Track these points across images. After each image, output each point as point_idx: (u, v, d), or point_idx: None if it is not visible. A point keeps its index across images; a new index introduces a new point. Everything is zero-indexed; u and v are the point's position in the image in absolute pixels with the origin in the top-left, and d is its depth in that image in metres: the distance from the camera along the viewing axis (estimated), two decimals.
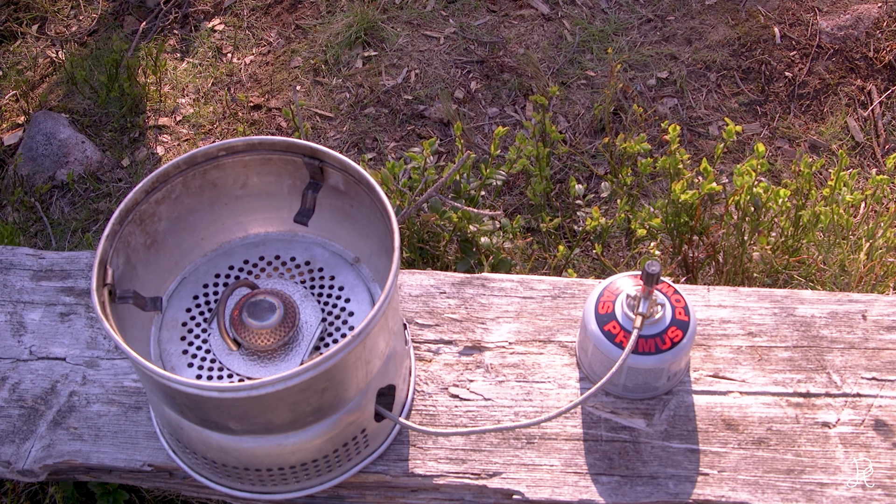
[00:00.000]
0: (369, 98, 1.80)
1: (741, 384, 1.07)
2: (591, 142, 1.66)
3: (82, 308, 1.17)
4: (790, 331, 1.11)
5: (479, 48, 1.85)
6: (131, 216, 0.95)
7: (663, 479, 1.00)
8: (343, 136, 1.75)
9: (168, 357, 0.98)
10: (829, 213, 1.30)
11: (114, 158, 1.75)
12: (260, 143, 0.99)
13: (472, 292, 1.16)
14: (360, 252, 1.05)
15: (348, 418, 0.93)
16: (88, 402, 1.09)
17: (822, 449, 1.01)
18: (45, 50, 1.96)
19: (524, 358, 1.10)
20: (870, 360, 1.08)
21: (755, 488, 0.98)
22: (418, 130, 1.74)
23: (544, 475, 1.01)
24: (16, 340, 1.15)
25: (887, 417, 1.03)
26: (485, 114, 1.76)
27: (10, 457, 1.05)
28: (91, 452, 1.05)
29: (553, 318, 1.14)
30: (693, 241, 1.40)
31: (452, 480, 1.01)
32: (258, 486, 0.98)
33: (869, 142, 1.72)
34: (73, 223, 1.66)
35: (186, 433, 0.94)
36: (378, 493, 1.04)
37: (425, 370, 1.10)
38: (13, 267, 1.22)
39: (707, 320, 1.12)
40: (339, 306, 1.02)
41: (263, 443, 0.92)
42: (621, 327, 1.00)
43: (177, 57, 1.92)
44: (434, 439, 1.04)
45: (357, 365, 0.89)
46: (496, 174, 1.48)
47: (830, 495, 0.98)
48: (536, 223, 1.52)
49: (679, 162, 1.33)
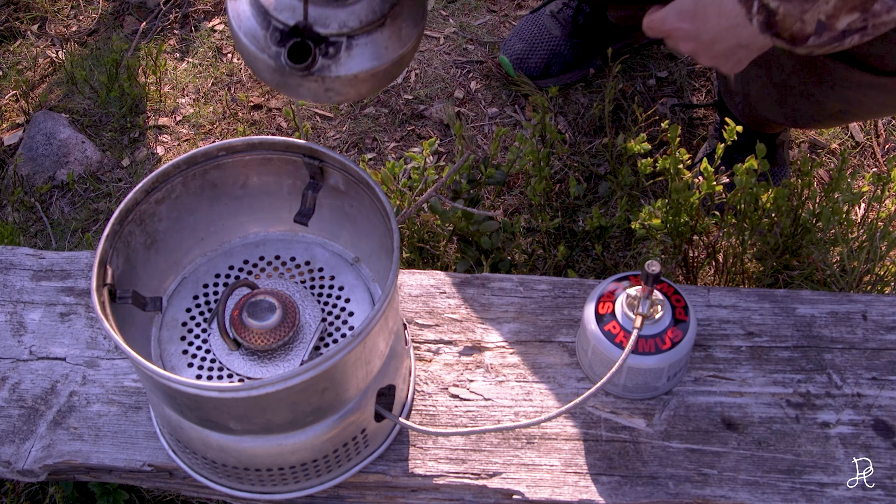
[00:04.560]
0: (369, 98, 1.80)
1: (741, 384, 1.07)
2: (590, 142, 1.66)
3: (82, 308, 1.17)
4: (790, 331, 1.11)
5: (479, 48, 1.85)
6: (131, 216, 0.95)
7: (663, 479, 1.00)
8: (343, 136, 1.75)
9: (168, 357, 0.98)
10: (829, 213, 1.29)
11: (114, 158, 1.75)
12: (260, 143, 0.99)
13: (472, 292, 1.16)
14: (360, 252, 1.05)
15: (348, 418, 0.93)
16: (88, 402, 1.09)
17: (822, 449, 1.01)
18: (45, 50, 1.96)
19: (524, 358, 1.10)
20: (870, 361, 1.08)
21: (755, 488, 0.98)
22: (418, 130, 1.74)
23: (544, 475, 1.01)
24: (16, 340, 1.15)
25: (887, 417, 1.03)
26: (485, 114, 1.75)
27: (10, 457, 1.05)
28: (91, 452, 1.05)
29: (553, 318, 1.14)
30: (693, 241, 1.40)
31: (452, 480, 1.01)
32: (258, 486, 0.98)
33: (869, 141, 1.72)
34: (73, 223, 1.66)
35: (186, 433, 0.94)
36: (378, 493, 1.04)
37: (425, 370, 1.10)
38: (13, 267, 1.22)
39: (707, 320, 1.12)
40: (339, 306, 1.02)
41: (263, 443, 0.92)
42: (621, 327, 1.00)
43: (177, 57, 1.92)
44: (434, 439, 1.04)
45: (357, 365, 0.89)
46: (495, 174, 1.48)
47: (830, 495, 0.98)
48: (536, 223, 1.52)
49: (679, 162, 1.33)
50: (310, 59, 0.80)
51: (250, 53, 0.83)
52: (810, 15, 0.88)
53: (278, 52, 0.80)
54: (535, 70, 1.71)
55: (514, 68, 1.73)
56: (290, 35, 0.80)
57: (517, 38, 1.72)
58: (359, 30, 0.81)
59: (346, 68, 0.81)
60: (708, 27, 0.99)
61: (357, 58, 0.81)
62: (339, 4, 0.80)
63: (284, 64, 0.80)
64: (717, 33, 0.98)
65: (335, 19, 0.80)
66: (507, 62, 1.74)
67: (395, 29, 0.83)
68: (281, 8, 0.80)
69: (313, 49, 0.80)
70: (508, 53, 1.73)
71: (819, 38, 0.90)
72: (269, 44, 0.81)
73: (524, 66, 1.71)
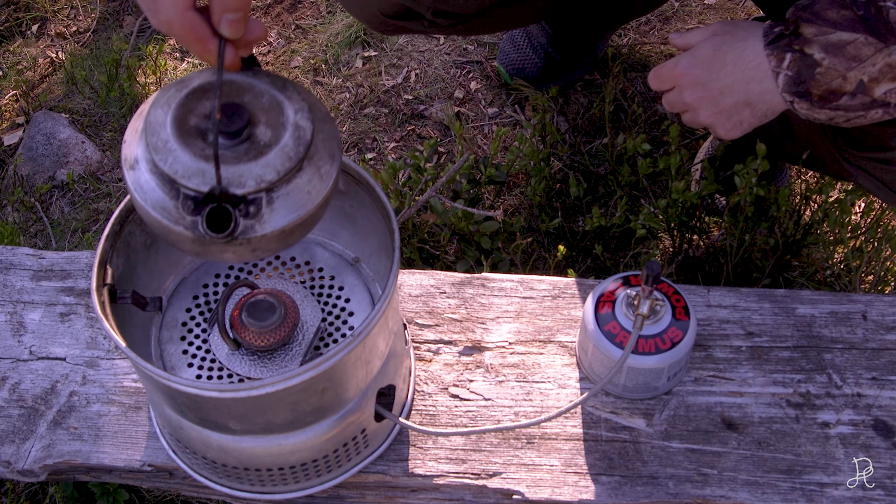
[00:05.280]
0: (369, 98, 1.80)
1: (741, 384, 1.07)
2: (590, 142, 1.66)
3: (82, 308, 1.17)
4: (790, 331, 1.11)
5: (478, 48, 1.85)
6: (131, 216, 0.95)
7: (663, 479, 1.00)
8: (343, 136, 1.75)
9: (168, 357, 0.98)
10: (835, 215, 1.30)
11: (114, 158, 1.75)
12: None
13: (472, 292, 1.16)
14: (360, 252, 1.05)
15: (348, 418, 0.93)
16: (88, 402, 1.09)
17: (822, 449, 1.01)
18: (45, 50, 1.96)
19: (524, 358, 1.10)
20: (870, 360, 1.08)
21: (755, 488, 0.98)
22: (418, 130, 1.74)
23: (544, 475, 1.01)
24: (16, 340, 1.15)
25: (887, 417, 1.03)
26: (485, 114, 1.76)
27: (10, 457, 1.05)
28: (91, 452, 1.05)
29: (553, 318, 1.14)
30: (693, 241, 1.40)
31: (452, 480, 1.01)
32: (258, 486, 0.98)
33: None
34: (73, 223, 1.66)
35: (186, 433, 0.94)
36: (378, 493, 1.04)
37: (425, 370, 1.10)
38: (13, 267, 1.22)
39: (707, 320, 1.12)
40: (339, 306, 1.02)
41: (263, 443, 0.92)
42: (621, 327, 1.00)
43: (177, 57, 1.92)
44: (434, 439, 1.04)
45: (357, 365, 0.89)
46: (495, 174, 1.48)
47: (830, 495, 0.98)
48: (536, 223, 1.52)
49: (679, 162, 1.33)
50: (231, 225, 0.72)
51: (162, 226, 0.75)
52: (854, 73, 0.88)
53: (194, 222, 0.73)
54: (532, 76, 1.71)
55: (511, 76, 1.73)
56: (205, 202, 0.73)
57: (511, 45, 1.73)
58: (277, 181, 0.74)
59: (272, 224, 0.74)
60: (722, 75, 0.97)
61: (281, 210, 0.74)
62: (251, 158, 0.74)
63: (204, 233, 0.72)
64: (730, 83, 0.96)
65: (250, 176, 0.73)
66: (504, 71, 1.74)
67: (313, 170, 0.76)
68: (188, 174, 0.72)
69: (233, 213, 0.73)
70: (504, 62, 1.74)
71: (852, 100, 0.89)
72: (183, 214, 0.73)
73: (521, 74, 1.72)
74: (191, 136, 0.74)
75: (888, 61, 0.86)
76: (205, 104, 0.76)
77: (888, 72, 0.87)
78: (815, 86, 0.90)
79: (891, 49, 0.86)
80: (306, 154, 0.75)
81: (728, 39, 0.97)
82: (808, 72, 0.89)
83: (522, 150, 1.48)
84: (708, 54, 0.99)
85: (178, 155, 0.73)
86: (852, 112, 0.91)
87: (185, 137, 0.74)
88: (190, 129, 0.75)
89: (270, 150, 0.74)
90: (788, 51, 0.90)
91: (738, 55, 0.95)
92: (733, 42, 0.96)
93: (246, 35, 0.74)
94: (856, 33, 0.86)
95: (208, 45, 0.72)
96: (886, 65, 0.86)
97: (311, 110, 0.78)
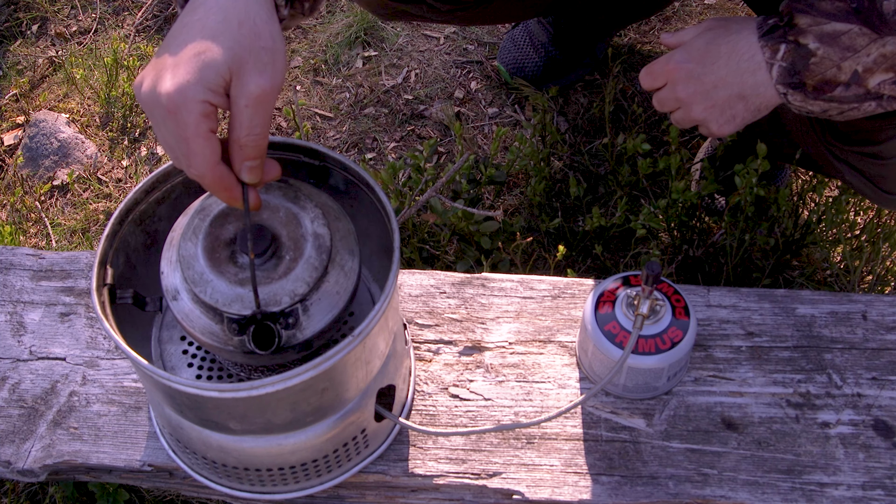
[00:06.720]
0: (369, 98, 1.80)
1: (741, 384, 1.07)
2: (590, 142, 1.66)
3: (82, 308, 1.17)
4: (790, 331, 1.11)
5: (479, 48, 1.85)
6: (131, 216, 0.95)
7: (663, 479, 1.00)
8: (343, 136, 1.75)
9: (168, 357, 0.98)
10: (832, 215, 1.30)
11: (114, 158, 1.75)
12: None
13: (472, 292, 1.16)
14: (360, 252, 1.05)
15: (348, 418, 0.93)
16: (88, 402, 1.09)
17: (822, 449, 1.01)
18: (45, 50, 1.96)
19: (524, 358, 1.10)
20: (870, 361, 1.08)
21: (755, 488, 0.98)
22: (418, 130, 1.74)
23: (544, 475, 1.01)
24: (16, 340, 1.15)
25: (887, 417, 1.03)
26: (485, 114, 1.75)
27: (10, 457, 1.05)
28: (91, 452, 1.05)
29: (553, 318, 1.14)
30: (693, 241, 1.40)
31: (452, 480, 1.01)
32: (258, 486, 0.98)
33: None
34: (73, 223, 1.66)
35: (186, 433, 0.94)
36: (378, 493, 1.04)
37: (425, 370, 1.10)
38: (13, 267, 1.22)
39: (707, 320, 1.12)
40: None
41: (263, 443, 0.92)
42: (621, 327, 1.00)
43: None
44: (434, 439, 1.04)
45: (357, 365, 0.89)
46: (495, 174, 1.48)
47: (830, 495, 0.98)
48: (536, 223, 1.52)
49: (679, 162, 1.33)
50: (276, 340, 0.80)
51: (213, 347, 0.83)
52: (849, 63, 0.87)
53: (241, 341, 0.81)
54: (532, 76, 1.71)
55: (511, 75, 1.73)
56: (248, 323, 0.80)
57: (511, 43, 1.73)
58: (309, 292, 0.82)
59: (311, 329, 0.82)
60: (715, 68, 0.96)
61: (316, 315, 0.83)
62: (281, 275, 0.81)
63: (252, 350, 0.80)
64: (723, 76, 0.95)
65: (284, 293, 0.81)
66: (504, 70, 1.74)
67: (338, 270, 0.84)
68: (228, 301, 0.80)
69: (275, 329, 0.80)
70: (504, 61, 1.74)
71: (846, 91, 0.89)
72: (230, 335, 0.81)
73: (521, 72, 1.72)
74: (222, 264, 0.82)
75: (882, 51, 0.86)
76: (227, 229, 0.84)
77: (882, 62, 0.86)
78: (809, 76, 0.89)
79: (885, 40, 0.85)
80: (329, 259, 0.84)
81: (721, 33, 0.97)
82: (803, 62, 0.89)
83: (522, 150, 1.48)
84: (701, 48, 0.98)
85: (216, 284, 0.81)
86: (846, 104, 0.90)
87: (218, 266, 0.82)
88: (220, 258, 0.83)
89: (297, 265, 0.82)
90: (783, 42, 0.90)
91: (732, 47, 0.95)
92: (727, 35, 0.96)
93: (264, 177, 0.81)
94: (850, 24, 0.86)
95: (234, 192, 0.79)
96: (880, 55, 0.86)
97: (325, 215, 0.85)
